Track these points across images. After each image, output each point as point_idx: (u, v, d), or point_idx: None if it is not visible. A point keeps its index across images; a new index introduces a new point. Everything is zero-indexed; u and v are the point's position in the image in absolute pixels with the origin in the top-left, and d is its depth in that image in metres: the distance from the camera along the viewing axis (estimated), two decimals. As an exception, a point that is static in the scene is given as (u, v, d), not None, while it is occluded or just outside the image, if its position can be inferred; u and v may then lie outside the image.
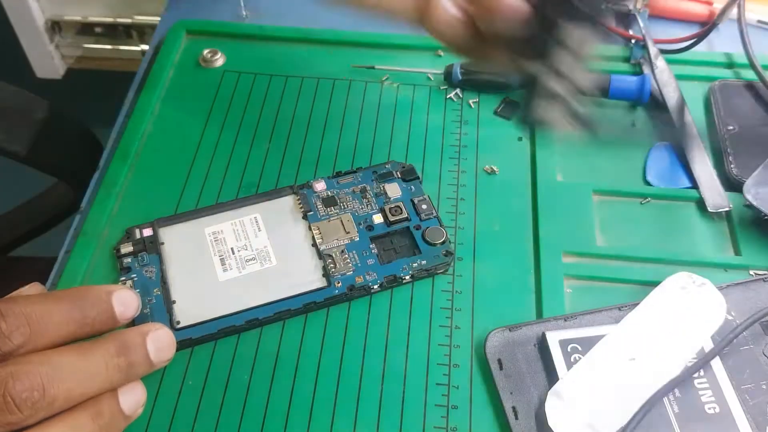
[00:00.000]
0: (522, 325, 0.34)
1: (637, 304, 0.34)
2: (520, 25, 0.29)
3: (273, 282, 0.36)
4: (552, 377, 0.33)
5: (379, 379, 0.34)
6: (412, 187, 0.40)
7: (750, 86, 0.45)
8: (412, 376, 0.34)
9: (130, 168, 0.42)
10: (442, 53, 0.48)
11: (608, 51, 0.48)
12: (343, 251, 0.37)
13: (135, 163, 0.42)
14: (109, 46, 1.36)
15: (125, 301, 0.32)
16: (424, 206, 0.39)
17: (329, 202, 0.39)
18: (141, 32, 1.28)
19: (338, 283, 0.36)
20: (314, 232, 0.38)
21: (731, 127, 0.43)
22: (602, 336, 0.33)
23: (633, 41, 0.48)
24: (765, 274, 0.36)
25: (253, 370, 0.34)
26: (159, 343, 0.31)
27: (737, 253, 0.38)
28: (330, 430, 0.32)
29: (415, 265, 0.36)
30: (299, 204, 0.39)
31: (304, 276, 0.36)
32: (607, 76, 0.44)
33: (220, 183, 0.41)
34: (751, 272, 0.37)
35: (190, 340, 0.34)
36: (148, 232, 0.38)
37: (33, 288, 0.33)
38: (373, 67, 0.46)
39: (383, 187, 0.40)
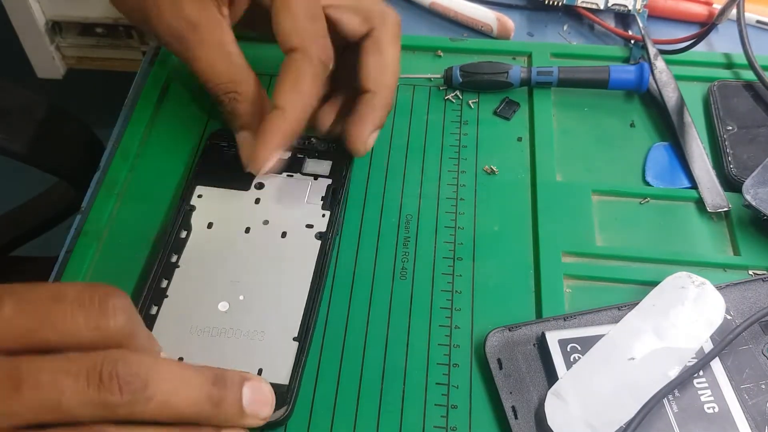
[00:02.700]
0: (521, 325, 0.34)
1: (637, 303, 0.35)
2: None
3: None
4: (551, 377, 0.33)
5: (378, 378, 0.34)
6: None
7: (749, 87, 0.45)
8: (411, 375, 0.34)
9: (130, 168, 0.42)
10: (441, 54, 0.48)
11: (608, 51, 0.48)
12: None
13: (135, 163, 0.43)
14: (109, 47, 1.36)
15: (258, 396, 0.29)
16: None
17: None
18: (142, 33, 1.28)
19: None
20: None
21: (730, 128, 0.43)
22: (601, 336, 0.33)
23: (632, 42, 0.48)
24: (764, 274, 0.36)
25: (253, 369, 0.34)
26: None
27: (736, 253, 0.38)
28: (330, 430, 0.33)
29: None
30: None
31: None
32: (606, 66, 0.44)
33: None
34: (750, 272, 0.37)
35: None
36: None
37: None
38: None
39: None
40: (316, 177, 0.40)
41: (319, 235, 0.37)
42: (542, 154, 0.42)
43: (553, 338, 0.33)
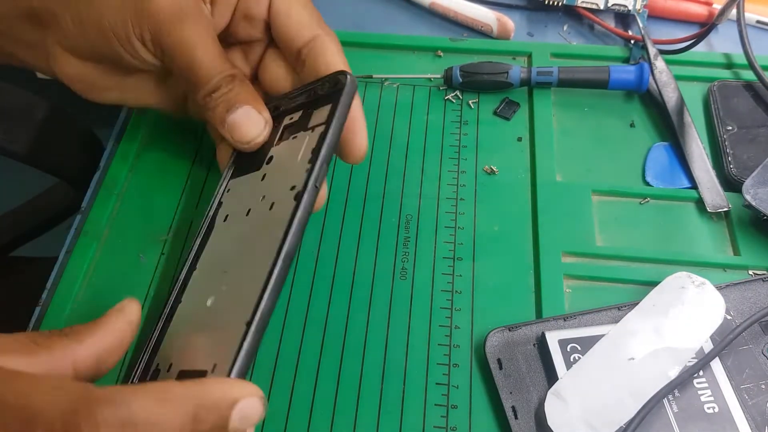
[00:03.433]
0: (521, 325, 0.34)
1: (637, 303, 0.35)
2: None
3: None
4: (551, 377, 0.33)
5: (379, 378, 0.34)
6: None
7: (749, 87, 0.45)
8: (411, 375, 0.34)
9: (130, 168, 0.42)
10: (441, 54, 0.48)
11: (608, 51, 0.48)
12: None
13: (135, 163, 0.43)
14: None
15: (247, 414, 0.24)
16: None
17: None
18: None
19: None
20: None
21: (730, 128, 0.43)
22: (601, 336, 0.33)
23: (632, 42, 0.48)
24: (764, 274, 0.36)
25: (252, 370, 0.34)
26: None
27: (736, 253, 0.38)
28: (330, 430, 0.33)
29: None
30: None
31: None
32: (606, 67, 0.44)
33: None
34: (750, 272, 0.37)
35: None
36: None
37: (131, 306, 0.28)
38: (371, 77, 0.46)
39: None
40: (313, 128, 0.33)
41: (296, 195, 0.30)
42: (542, 154, 0.42)
43: (553, 338, 0.33)
